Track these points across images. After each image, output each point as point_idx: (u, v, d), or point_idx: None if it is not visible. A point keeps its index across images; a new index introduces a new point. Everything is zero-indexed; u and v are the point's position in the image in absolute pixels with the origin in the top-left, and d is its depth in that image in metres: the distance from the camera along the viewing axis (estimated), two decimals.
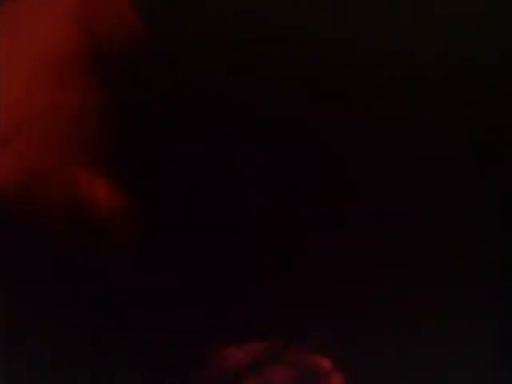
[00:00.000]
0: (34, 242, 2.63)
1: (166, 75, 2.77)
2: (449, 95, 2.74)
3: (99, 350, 2.57)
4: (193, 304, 2.61)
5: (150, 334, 2.59)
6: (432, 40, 2.78)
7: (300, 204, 2.68)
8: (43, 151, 2.68)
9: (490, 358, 2.55)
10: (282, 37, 2.78)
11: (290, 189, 2.69)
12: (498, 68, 2.75)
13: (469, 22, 2.79)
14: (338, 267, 2.63)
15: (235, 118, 2.74)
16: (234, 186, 2.69)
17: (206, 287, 2.62)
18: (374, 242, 2.64)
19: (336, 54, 2.78)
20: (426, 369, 2.56)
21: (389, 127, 2.73)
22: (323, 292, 2.61)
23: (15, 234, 2.64)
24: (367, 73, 2.76)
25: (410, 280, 2.61)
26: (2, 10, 2.79)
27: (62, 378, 2.57)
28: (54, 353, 2.58)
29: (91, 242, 2.63)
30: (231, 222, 2.67)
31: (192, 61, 2.78)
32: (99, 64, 2.74)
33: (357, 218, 2.67)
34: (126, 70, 2.77)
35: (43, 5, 2.79)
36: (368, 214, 2.66)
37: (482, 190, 2.67)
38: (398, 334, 2.57)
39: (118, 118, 2.73)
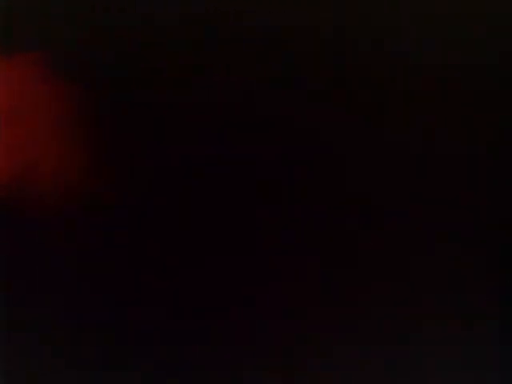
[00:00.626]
0: (33, 239, 2.63)
1: (162, 74, 2.77)
2: (449, 95, 2.74)
3: (99, 349, 2.57)
4: (191, 305, 2.61)
5: (150, 334, 2.59)
6: (432, 40, 2.78)
7: (298, 204, 2.68)
8: (35, 144, 2.68)
9: (490, 357, 2.55)
10: (282, 37, 2.78)
11: (288, 189, 2.69)
12: (498, 68, 2.75)
13: (469, 22, 2.79)
14: (338, 267, 2.63)
15: (232, 118, 2.74)
16: (230, 187, 2.69)
17: (204, 288, 2.62)
18: (374, 242, 2.64)
19: (336, 54, 2.78)
20: (426, 369, 2.56)
21: (389, 127, 2.73)
22: (323, 292, 2.62)
23: (13, 231, 2.64)
24: (367, 73, 2.76)
25: (410, 280, 2.61)
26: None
27: (62, 377, 2.57)
28: (54, 353, 2.58)
29: (87, 232, 2.63)
30: (227, 223, 2.67)
31: (190, 59, 2.78)
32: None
33: (356, 217, 2.67)
34: (120, 67, 2.77)
35: None
36: (368, 214, 2.67)
37: (482, 190, 2.67)
38: (398, 334, 2.58)
39: (110, 113, 2.73)
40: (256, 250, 2.64)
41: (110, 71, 2.78)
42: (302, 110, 2.74)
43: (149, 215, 2.67)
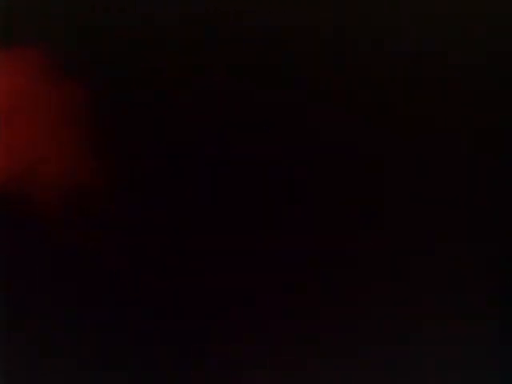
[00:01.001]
0: (33, 239, 2.63)
1: (162, 74, 2.77)
2: (449, 95, 2.74)
3: (99, 349, 2.57)
4: (191, 305, 2.61)
5: (150, 334, 2.59)
6: (432, 40, 2.78)
7: (298, 204, 2.68)
8: (34, 143, 2.68)
9: (490, 357, 2.55)
10: (282, 37, 2.78)
11: (288, 189, 2.69)
12: (498, 68, 2.75)
13: (469, 22, 2.79)
14: (338, 267, 2.63)
15: (232, 118, 2.74)
16: (229, 187, 2.69)
17: (204, 288, 2.62)
18: (374, 242, 2.64)
19: (336, 54, 2.78)
20: (426, 369, 2.56)
21: (389, 127, 2.73)
22: (323, 292, 2.61)
23: (14, 230, 2.64)
24: (367, 73, 2.76)
25: (410, 280, 2.61)
26: None
27: (62, 377, 2.57)
28: (54, 353, 2.58)
29: (89, 232, 2.63)
30: (227, 223, 2.67)
31: (190, 59, 2.78)
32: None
33: (357, 217, 2.67)
34: (120, 67, 2.77)
35: None
36: (368, 214, 2.66)
37: (482, 190, 2.67)
38: (397, 334, 2.57)
39: (110, 113, 2.73)
40: (256, 249, 2.64)
41: (110, 71, 2.78)
42: (302, 110, 2.74)
43: (149, 215, 2.66)
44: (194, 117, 2.74)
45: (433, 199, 2.67)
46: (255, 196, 2.68)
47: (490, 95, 2.74)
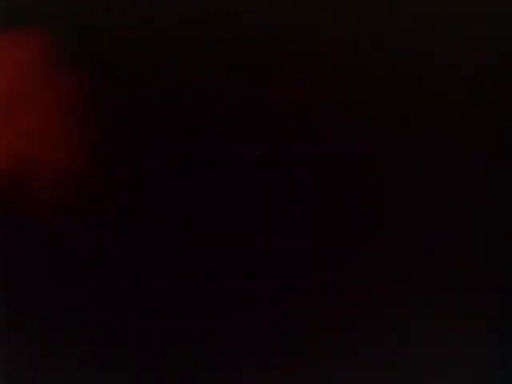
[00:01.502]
0: (33, 239, 2.63)
1: (162, 74, 2.78)
2: (449, 95, 2.75)
3: (99, 349, 2.57)
4: (191, 305, 2.61)
5: (150, 334, 2.59)
6: (432, 40, 2.78)
7: (299, 204, 2.68)
8: (31, 140, 2.68)
9: (490, 357, 2.55)
10: (282, 37, 2.78)
11: (288, 189, 2.69)
12: (498, 68, 2.76)
13: (469, 22, 2.79)
14: (339, 267, 2.63)
15: (232, 118, 2.74)
16: (230, 187, 2.69)
17: (204, 288, 2.62)
18: (375, 242, 2.64)
19: (336, 54, 2.78)
20: (426, 369, 2.56)
21: (389, 127, 2.73)
22: (323, 292, 2.62)
23: (14, 230, 2.64)
24: (367, 73, 2.76)
25: (410, 280, 2.61)
26: None
27: (62, 377, 2.57)
28: (54, 353, 2.58)
29: (89, 232, 2.63)
30: (228, 223, 2.67)
31: (190, 59, 2.78)
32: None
33: (357, 218, 2.67)
34: (120, 67, 2.77)
35: None
36: (368, 214, 2.67)
37: (482, 190, 2.67)
38: (398, 334, 2.58)
39: (110, 112, 2.73)
40: (256, 249, 2.64)
41: (110, 71, 2.78)
42: (302, 110, 2.74)
43: (149, 215, 2.67)
44: (194, 117, 2.74)
45: (433, 199, 2.67)
46: (255, 196, 2.68)
47: (490, 95, 2.74)
